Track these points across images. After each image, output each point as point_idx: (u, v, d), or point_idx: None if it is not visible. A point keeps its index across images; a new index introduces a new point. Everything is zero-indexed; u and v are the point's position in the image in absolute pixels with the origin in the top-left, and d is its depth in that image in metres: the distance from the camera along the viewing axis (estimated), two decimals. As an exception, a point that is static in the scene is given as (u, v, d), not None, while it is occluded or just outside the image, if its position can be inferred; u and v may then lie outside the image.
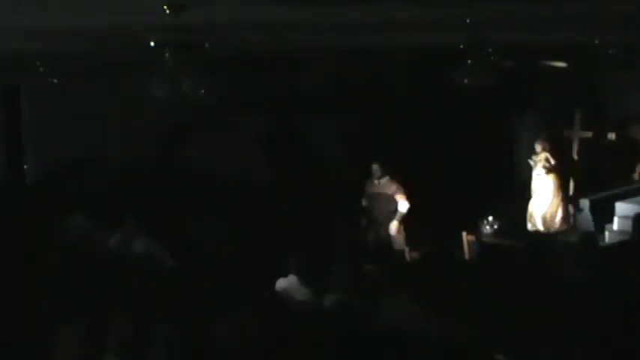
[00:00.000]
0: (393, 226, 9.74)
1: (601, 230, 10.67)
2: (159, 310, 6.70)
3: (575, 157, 10.98)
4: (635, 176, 11.98)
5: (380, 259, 7.18)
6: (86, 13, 4.95)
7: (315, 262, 7.77)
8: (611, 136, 11.38)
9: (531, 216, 10.81)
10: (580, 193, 11.19)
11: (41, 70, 9.23)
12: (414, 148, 13.12)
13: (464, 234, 10.25)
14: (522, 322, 5.60)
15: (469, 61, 7.09)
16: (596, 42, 8.87)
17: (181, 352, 5.09)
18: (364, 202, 10.06)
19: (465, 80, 7.32)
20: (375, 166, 9.89)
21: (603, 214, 10.87)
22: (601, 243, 9.62)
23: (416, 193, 10.24)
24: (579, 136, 10.94)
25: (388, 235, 9.70)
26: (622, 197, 11.04)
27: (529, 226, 10.78)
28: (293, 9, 5.05)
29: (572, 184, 10.97)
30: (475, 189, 11.17)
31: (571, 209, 10.96)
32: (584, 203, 11.19)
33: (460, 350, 5.19)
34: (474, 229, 10.75)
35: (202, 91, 5.13)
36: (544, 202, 10.69)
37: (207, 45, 5.16)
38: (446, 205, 11.14)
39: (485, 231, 10.66)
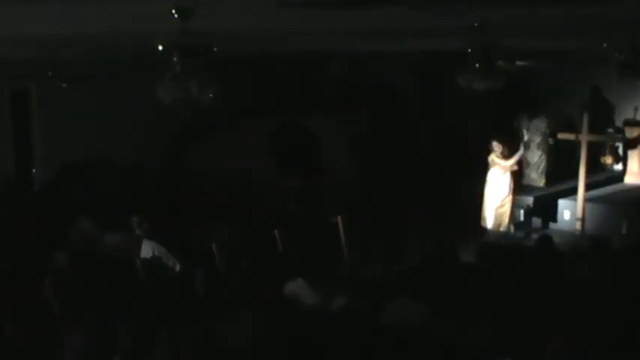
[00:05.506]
0: None
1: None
2: (166, 313, 6.72)
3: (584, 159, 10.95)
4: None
5: (386, 262, 7.18)
6: (94, 18, 4.99)
7: (323, 265, 7.78)
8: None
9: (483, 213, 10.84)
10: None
11: (50, 74, 9.29)
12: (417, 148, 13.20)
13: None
14: (527, 323, 5.61)
15: (476, 65, 7.08)
16: (604, 46, 8.85)
17: (188, 355, 5.10)
18: None
19: (473, 84, 7.32)
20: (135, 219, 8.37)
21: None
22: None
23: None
24: (587, 139, 10.92)
25: None
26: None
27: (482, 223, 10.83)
28: (297, 14, 5.08)
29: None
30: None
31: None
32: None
33: (465, 352, 5.20)
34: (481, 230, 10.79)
35: (210, 95, 5.15)
36: (496, 200, 10.69)
37: (214, 49, 5.18)
38: (452, 206, 11.17)
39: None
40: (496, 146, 10.67)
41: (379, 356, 5.23)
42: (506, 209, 10.71)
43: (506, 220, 10.73)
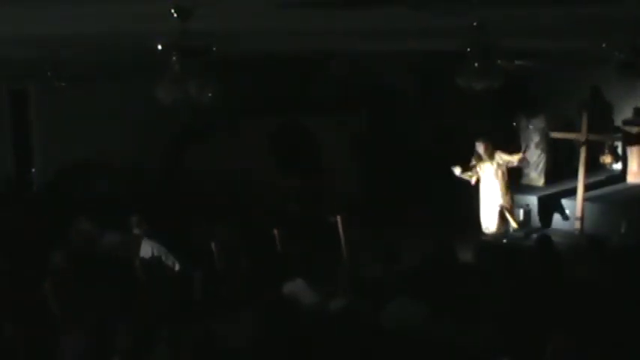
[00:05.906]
0: None
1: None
2: (166, 313, 6.73)
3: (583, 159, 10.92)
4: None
5: (386, 262, 7.18)
6: (94, 19, 4.99)
7: (323, 265, 7.79)
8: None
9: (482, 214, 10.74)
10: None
11: (49, 74, 9.28)
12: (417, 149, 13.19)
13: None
14: (527, 323, 5.61)
15: (475, 65, 7.07)
16: (604, 45, 8.86)
17: (188, 355, 5.10)
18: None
19: (472, 84, 7.31)
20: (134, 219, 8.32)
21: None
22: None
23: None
24: (587, 139, 10.90)
25: None
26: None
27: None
28: (297, 14, 5.08)
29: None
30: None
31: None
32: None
33: (465, 352, 5.20)
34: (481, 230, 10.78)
35: (209, 95, 5.15)
36: (491, 200, 10.60)
37: (214, 49, 5.18)
38: (452, 206, 11.16)
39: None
40: (479, 146, 10.59)
41: (379, 356, 5.23)
42: (504, 209, 10.68)
43: (504, 219, 10.70)
